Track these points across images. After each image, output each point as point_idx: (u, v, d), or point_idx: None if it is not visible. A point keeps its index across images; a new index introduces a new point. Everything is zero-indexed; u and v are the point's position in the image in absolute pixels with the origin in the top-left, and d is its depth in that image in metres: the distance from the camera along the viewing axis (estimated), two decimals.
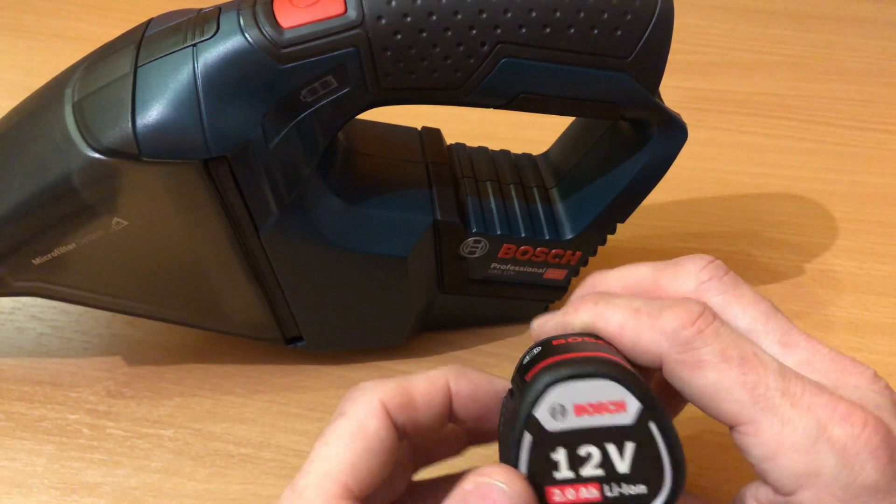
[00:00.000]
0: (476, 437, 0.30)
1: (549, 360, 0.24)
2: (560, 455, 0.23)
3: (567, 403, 0.23)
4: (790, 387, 0.24)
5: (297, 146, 0.32)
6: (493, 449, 0.27)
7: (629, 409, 0.23)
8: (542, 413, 0.23)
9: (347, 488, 0.24)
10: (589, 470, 0.23)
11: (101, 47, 0.35)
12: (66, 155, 0.31)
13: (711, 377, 0.25)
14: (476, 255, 0.38)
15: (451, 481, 0.25)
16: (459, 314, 0.42)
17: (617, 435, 0.23)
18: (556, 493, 0.23)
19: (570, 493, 0.23)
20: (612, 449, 0.23)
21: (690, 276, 0.28)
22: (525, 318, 0.44)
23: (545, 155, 0.43)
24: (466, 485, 0.24)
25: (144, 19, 0.35)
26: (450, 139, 0.43)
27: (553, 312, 0.29)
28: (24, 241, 0.33)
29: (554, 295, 0.42)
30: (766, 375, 0.25)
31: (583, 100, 0.33)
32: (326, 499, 0.24)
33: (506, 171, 0.41)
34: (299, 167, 0.33)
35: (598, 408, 0.23)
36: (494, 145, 0.44)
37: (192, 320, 0.38)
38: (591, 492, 0.23)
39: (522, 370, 0.25)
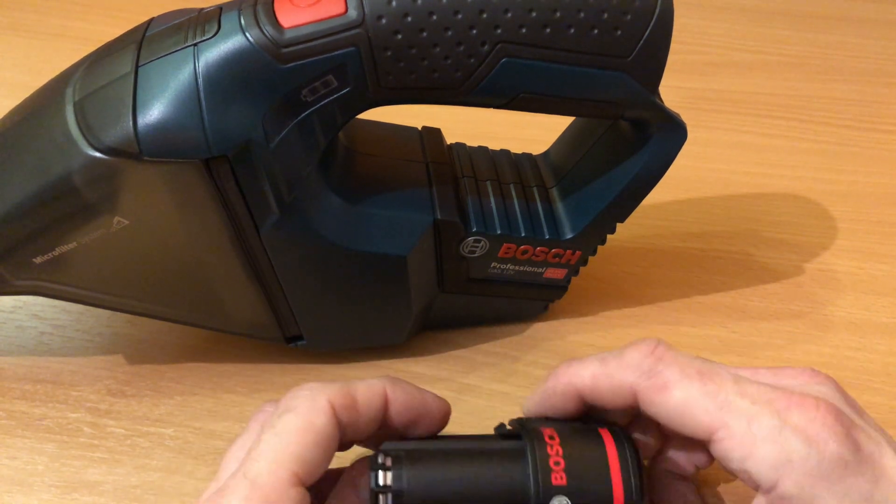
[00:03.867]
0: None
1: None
2: None
3: None
4: (746, 388, 0.28)
5: (297, 146, 0.32)
6: None
7: None
8: None
9: (297, 476, 0.26)
10: None
11: (102, 46, 0.35)
12: (67, 154, 0.31)
13: (678, 395, 0.28)
14: (476, 255, 0.38)
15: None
16: (460, 313, 0.42)
17: None
18: None
19: None
20: None
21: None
22: (525, 317, 0.44)
23: (545, 154, 0.43)
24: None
25: (146, 19, 0.35)
26: (450, 139, 0.43)
27: (536, 392, 0.32)
28: (25, 239, 0.33)
29: (554, 294, 0.42)
30: (723, 382, 0.28)
31: (583, 99, 0.33)
32: (278, 484, 0.25)
33: (506, 171, 0.41)
34: (300, 167, 0.33)
35: None
36: (494, 145, 0.44)
37: (193, 319, 0.38)
38: None
39: None
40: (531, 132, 0.46)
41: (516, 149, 0.44)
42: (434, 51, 0.31)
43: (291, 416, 0.27)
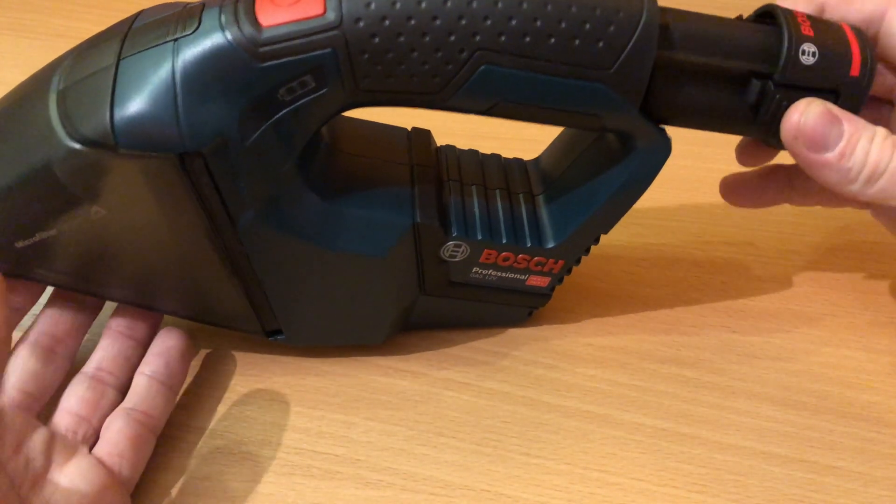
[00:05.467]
0: None
1: None
2: None
3: None
4: None
5: (274, 144, 0.32)
6: None
7: None
8: None
9: None
10: None
11: (91, 37, 0.35)
12: (47, 143, 0.31)
13: None
14: (457, 259, 0.38)
15: None
16: (441, 316, 0.42)
17: None
18: None
19: None
20: None
21: None
22: (509, 323, 0.43)
23: (536, 160, 0.43)
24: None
25: None
26: (449, 139, 0.42)
27: None
28: (6, 223, 0.33)
29: (537, 301, 0.42)
30: None
31: (562, 110, 0.33)
32: None
33: (493, 176, 0.41)
34: (276, 164, 0.32)
35: None
36: (495, 145, 0.43)
37: (174, 308, 0.38)
38: None
39: None
40: (531, 131, 0.45)
41: (517, 148, 0.43)
42: (411, 56, 0.30)
43: None
